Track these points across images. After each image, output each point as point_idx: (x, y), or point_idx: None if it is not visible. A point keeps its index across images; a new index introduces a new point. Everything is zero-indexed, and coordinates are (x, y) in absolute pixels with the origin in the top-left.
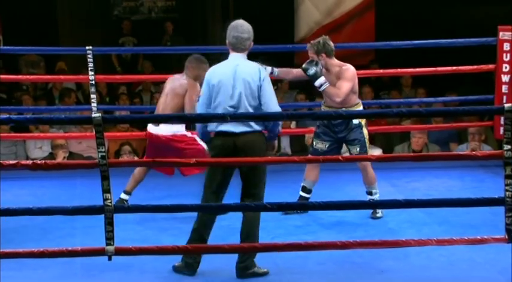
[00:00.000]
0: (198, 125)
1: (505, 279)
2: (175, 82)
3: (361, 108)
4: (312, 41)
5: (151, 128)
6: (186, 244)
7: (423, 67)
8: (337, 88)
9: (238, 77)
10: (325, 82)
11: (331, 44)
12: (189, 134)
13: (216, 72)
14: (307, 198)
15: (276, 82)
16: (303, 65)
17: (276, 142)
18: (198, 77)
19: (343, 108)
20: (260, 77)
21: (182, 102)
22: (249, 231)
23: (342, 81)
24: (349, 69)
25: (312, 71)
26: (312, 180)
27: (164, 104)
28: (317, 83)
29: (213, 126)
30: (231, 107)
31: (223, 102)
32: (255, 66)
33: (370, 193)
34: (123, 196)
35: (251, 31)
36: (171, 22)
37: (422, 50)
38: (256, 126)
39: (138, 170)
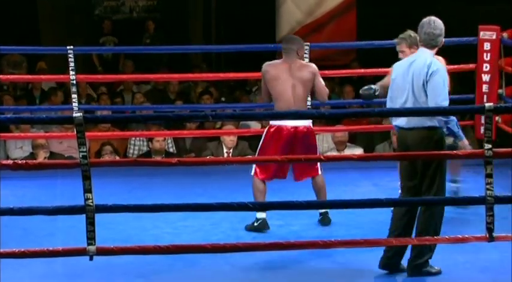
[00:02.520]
0: None
1: (486, 278)
2: (297, 70)
3: None
4: (400, 35)
5: (282, 122)
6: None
7: None
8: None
9: (410, 72)
10: None
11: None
12: None
13: (396, 67)
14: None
15: None
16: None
17: (466, 141)
18: (302, 56)
19: None
20: (428, 72)
21: (310, 89)
22: (426, 225)
23: None
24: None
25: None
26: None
27: (296, 95)
28: None
29: (392, 120)
30: (402, 101)
31: (395, 97)
32: (427, 60)
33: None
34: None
35: (443, 28)
36: (153, 21)
37: None
38: (428, 122)
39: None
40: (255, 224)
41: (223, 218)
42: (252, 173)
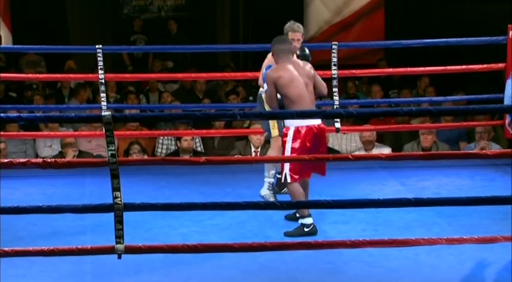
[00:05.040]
0: None
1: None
2: (302, 68)
3: None
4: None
5: (310, 121)
6: None
7: (433, 66)
8: None
9: None
10: None
11: None
12: None
13: None
14: None
15: None
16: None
17: None
18: None
19: None
20: None
21: None
22: None
23: None
24: None
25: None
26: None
27: (309, 93)
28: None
29: None
30: None
31: None
32: None
33: None
34: None
35: None
36: (174, 21)
37: (432, 48)
38: None
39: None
40: (306, 229)
41: (251, 217)
42: (289, 180)
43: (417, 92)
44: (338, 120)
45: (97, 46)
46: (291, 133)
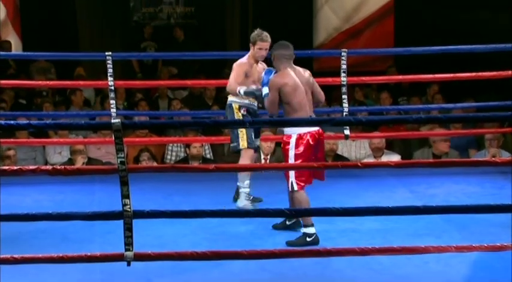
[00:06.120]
0: None
1: None
2: (302, 75)
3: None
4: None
5: (310, 128)
6: None
7: (443, 73)
8: None
9: None
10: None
11: None
12: None
13: None
14: None
15: None
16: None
17: None
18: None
19: None
20: None
21: None
22: None
23: None
24: None
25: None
26: None
27: (309, 100)
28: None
29: None
30: None
31: None
32: None
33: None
34: None
35: None
36: (180, 28)
37: (442, 55)
38: None
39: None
40: (308, 239)
41: (260, 224)
42: (296, 188)
43: (426, 99)
44: (347, 127)
45: (106, 53)
46: (293, 141)
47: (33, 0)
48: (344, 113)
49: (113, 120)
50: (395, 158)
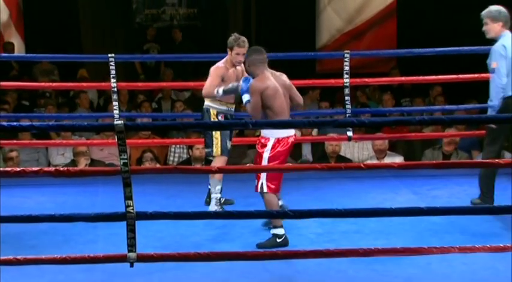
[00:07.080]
0: None
1: None
2: (280, 78)
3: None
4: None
5: (289, 132)
6: None
7: (446, 74)
8: None
9: None
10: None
11: None
12: None
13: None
14: None
15: (307, 90)
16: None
17: None
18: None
19: None
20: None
21: None
22: None
23: None
24: None
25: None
26: None
27: (287, 103)
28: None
29: None
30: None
31: None
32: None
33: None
34: None
35: None
36: (179, 29)
37: (445, 57)
38: None
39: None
40: (278, 240)
41: (262, 225)
42: (265, 190)
43: (429, 101)
44: (350, 128)
45: (109, 55)
46: (270, 144)
47: (37, 2)
48: (347, 115)
49: (115, 122)
50: (398, 159)
